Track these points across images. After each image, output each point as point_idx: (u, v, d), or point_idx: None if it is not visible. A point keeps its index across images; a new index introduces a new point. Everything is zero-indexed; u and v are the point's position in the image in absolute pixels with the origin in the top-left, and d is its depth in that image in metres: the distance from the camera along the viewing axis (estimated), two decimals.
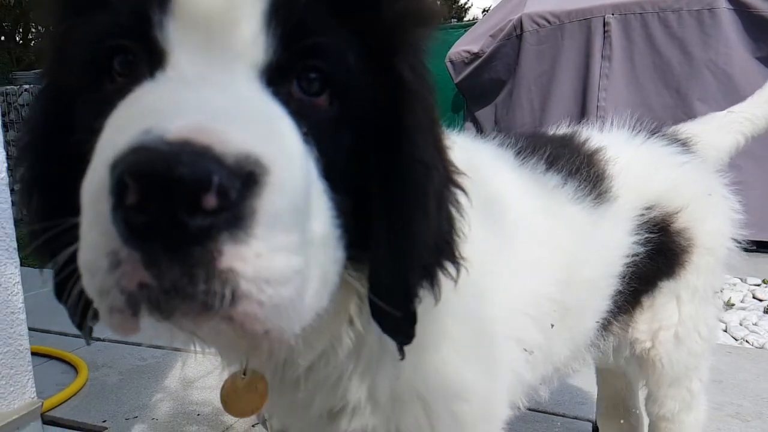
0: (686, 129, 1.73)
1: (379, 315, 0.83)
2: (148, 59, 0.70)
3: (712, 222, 1.55)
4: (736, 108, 1.83)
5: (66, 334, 2.28)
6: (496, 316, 1.11)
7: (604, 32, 5.41)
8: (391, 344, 0.88)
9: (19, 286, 1.75)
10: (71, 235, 0.64)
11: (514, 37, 6.21)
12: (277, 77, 0.71)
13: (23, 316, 1.81)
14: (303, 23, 0.71)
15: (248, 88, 0.68)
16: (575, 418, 2.41)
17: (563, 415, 2.39)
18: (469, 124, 7.15)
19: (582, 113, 5.56)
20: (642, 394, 1.80)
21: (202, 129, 0.55)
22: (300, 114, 0.71)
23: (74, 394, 2.69)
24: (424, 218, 0.80)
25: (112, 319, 0.61)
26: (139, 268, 0.55)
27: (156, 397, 2.71)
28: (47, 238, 0.75)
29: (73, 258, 0.64)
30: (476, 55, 6.62)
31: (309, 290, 0.66)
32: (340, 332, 0.91)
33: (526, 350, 1.17)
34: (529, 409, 1.40)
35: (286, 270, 0.60)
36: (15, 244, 1.72)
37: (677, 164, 1.55)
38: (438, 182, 0.83)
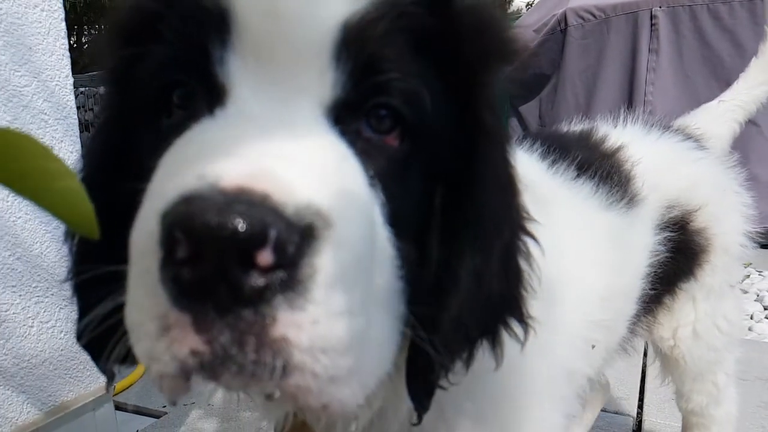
0: (687, 122, 1.72)
1: (413, 374, 0.74)
2: (208, 95, 0.66)
3: (728, 220, 1.53)
4: (726, 96, 1.84)
5: None
6: (558, 364, 1.06)
7: (651, 25, 5.30)
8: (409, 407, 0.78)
9: None
10: (112, 283, 0.60)
11: (558, 32, 6.14)
12: (345, 115, 0.65)
13: None
14: (376, 58, 0.66)
15: (313, 127, 0.62)
16: (616, 413, 2.43)
17: (604, 410, 2.41)
18: (512, 119, 7.12)
19: (628, 108, 5.45)
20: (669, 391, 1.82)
21: (260, 174, 0.50)
22: (367, 154, 0.65)
23: (135, 382, 2.86)
24: (489, 273, 0.73)
25: (163, 384, 0.56)
26: (189, 333, 0.51)
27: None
28: (86, 279, 0.71)
29: (112, 310, 0.61)
30: None
31: (371, 355, 0.59)
32: (400, 389, 0.80)
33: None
34: None
35: (345, 337, 0.54)
36: None
37: (694, 160, 1.52)
38: (508, 235, 0.75)
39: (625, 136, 1.47)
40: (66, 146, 1.83)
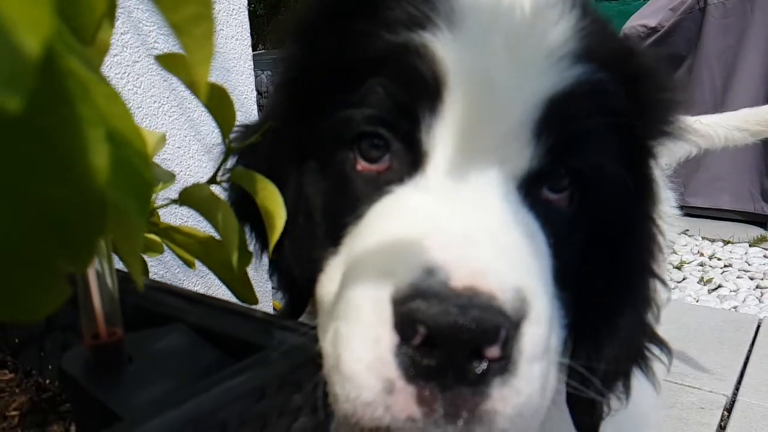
0: None
1: (578, 413, 0.80)
2: (409, 158, 0.69)
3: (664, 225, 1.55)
4: (705, 119, 1.79)
5: None
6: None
7: None
8: None
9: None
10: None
11: (696, 11, 5.88)
12: (534, 184, 0.70)
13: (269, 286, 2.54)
14: (575, 136, 0.70)
15: (509, 204, 0.66)
16: (711, 391, 2.57)
17: (698, 388, 2.57)
18: None
19: None
20: None
21: (482, 273, 0.56)
22: (546, 218, 0.70)
23: None
24: (640, 315, 0.81)
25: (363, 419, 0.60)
26: (411, 402, 0.56)
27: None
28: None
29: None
30: (654, 30, 6.34)
31: (546, 402, 0.64)
32: (555, 419, 0.83)
33: None
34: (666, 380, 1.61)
35: (537, 399, 0.60)
36: None
37: None
38: (650, 278, 0.83)
39: None
40: None
